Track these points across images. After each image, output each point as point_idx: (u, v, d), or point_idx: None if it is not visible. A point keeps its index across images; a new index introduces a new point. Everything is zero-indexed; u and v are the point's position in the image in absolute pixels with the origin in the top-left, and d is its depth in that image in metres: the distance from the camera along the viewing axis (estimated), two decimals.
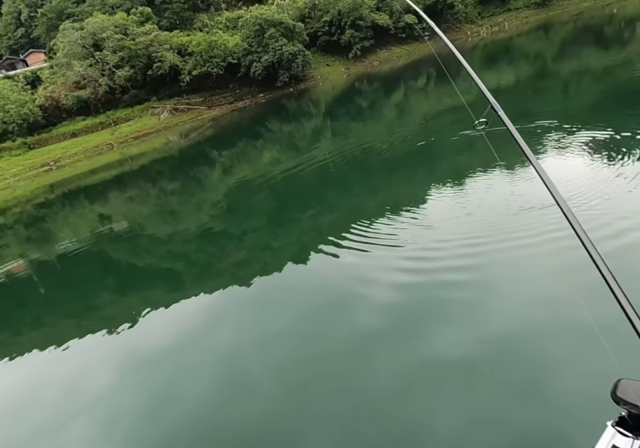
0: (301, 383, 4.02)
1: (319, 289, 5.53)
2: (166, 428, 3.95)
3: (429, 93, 19.85)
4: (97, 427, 4.27)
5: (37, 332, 7.08)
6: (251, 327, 5.26)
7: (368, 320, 4.52)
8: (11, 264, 11.61)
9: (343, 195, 8.96)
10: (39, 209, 19.93)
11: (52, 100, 42.97)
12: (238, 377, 4.37)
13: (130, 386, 4.76)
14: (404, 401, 3.44)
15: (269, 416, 3.74)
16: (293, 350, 4.51)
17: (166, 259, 8.45)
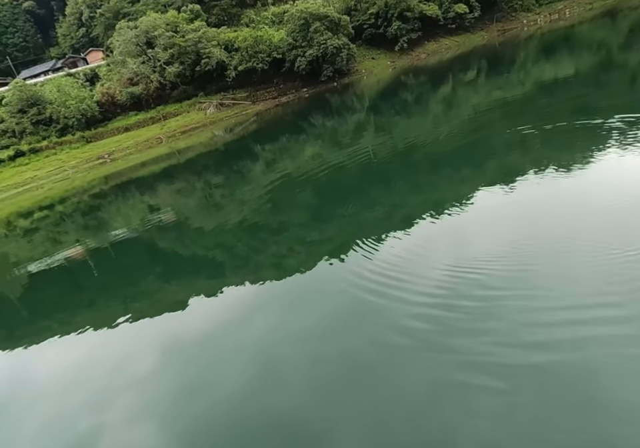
0: (332, 377, 3.99)
1: (355, 286, 5.44)
2: (201, 411, 4.07)
3: (479, 86, 19.01)
4: (137, 405, 4.49)
5: (91, 313, 7.52)
6: (285, 319, 5.29)
7: (403, 321, 4.39)
8: (70, 249, 12.44)
9: (384, 191, 8.79)
10: (95, 199, 21.20)
11: (108, 96, 45.45)
12: (271, 367, 4.42)
13: (170, 369, 4.95)
14: (438, 404, 3.31)
15: (298, 407, 3.75)
16: (325, 344, 4.49)
17: (209, 249, 8.68)
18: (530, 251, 4.89)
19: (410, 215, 7.07)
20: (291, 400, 3.86)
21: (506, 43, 33.93)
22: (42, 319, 8.32)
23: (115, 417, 4.38)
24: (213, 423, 3.90)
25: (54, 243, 14.25)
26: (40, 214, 21.46)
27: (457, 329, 4.04)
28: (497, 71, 21.59)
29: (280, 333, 5.01)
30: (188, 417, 4.06)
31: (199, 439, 3.76)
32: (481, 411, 3.16)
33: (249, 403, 3.98)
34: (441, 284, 4.79)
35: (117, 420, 4.34)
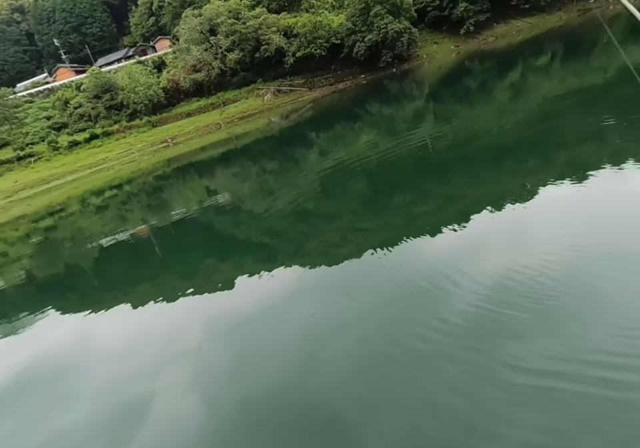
0: (370, 369, 3.96)
1: (401, 279, 5.33)
2: (240, 388, 4.24)
3: (552, 72, 17.57)
4: (182, 376, 4.75)
5: (151, 286, 8.09)
6: (329, 306, 5.32)
7: (450, 319, 4.22)
8: (135, 227, 13.38)
9: (440, 183, 8.49)
10: (158, 180, 22.52)
11: (173, 82, 47.61)
12: (309, 352, 4.47)
13: (215, 344, 5.20)
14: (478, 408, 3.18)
15: (333, 395, 3.76)
16: (366, 336, 4.44)
17: (261, 232, 8.92)
18: (598, 257, 4.47)
19: (466, 208, 6.77)
20: (327, 387, 3.89)
21: (587, 23, 30.95)
22: (109, 288, 9.09)
23: (162, 385, 4.70)
24: (250, 399, 4.03)
25: (121, 220, 15.40)
26: (110, 193, 23.21)
27: (505, 334, 3.84)
28: (574, 56, 19.80)
29: (323, 319, 5.06)
30: (227, 392, 4.24)
31: (235, 414, 3.91)
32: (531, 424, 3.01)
33: (285, 385, 4.08)
34: (492, 284, 4.55)
35: (163, 388, 4.64)
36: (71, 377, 5.58)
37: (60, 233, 17.40)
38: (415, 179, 9.15)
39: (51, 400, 5.18)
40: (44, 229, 19.13)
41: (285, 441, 3.48)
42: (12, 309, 9.30)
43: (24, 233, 19.75)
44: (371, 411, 3.49)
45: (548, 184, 6.57)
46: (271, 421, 3.74)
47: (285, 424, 3.66)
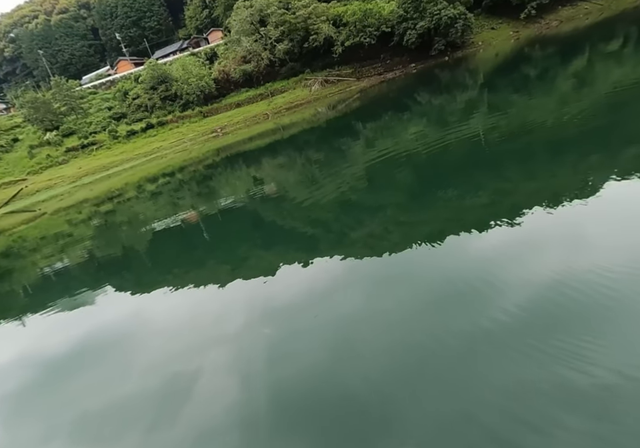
0: (409, 364, 3.89)
1: (448, 273, 5.18)
2: (277, 375, 4.32)
3: (624, 59, 16.12)
4: (223, 360, 4.93)
5: (199, 270, 8.45)
6: (370, 298, 5.28)
7: (496, 317, 4.05)
8: (185, 213, 14.00)
9: (492, 176, 8.11)
10: (208, 169, 23.34)
11: (223, 73, 48.79)
12: (349, 344, 4.46)
13: (257, 331, 5.31)
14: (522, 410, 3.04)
15: (370, 386, 3.73)
16: (407, 330, 4.37)
17: (305, 222, 9.01)
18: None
19: (519, 204, 6.43)
20: (362, 380, 3.87)
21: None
22: (160, 270, 9.62)
23: (202, 365, 4.91)
24: (284, 386, 4.12)
25: (173, 206, 16.16)
26: (163, 180, 24.39)
27: (551, 337, 3.64)
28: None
29: (363, 311, 5.04)
30: (263, 377, 4.35)
31: (269, 399, 4.00)
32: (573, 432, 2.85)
33: (320, 375, 4.12)
34: (540, 287, 4.30)
35: (204, 368, 4.85)
36: (123, 350, 6.00)
37: (118, 216, 18.58)
38: (465, 172, 8.81)
39: (105, 370, 5.60)
40: (104, 212, 20.52)
41: (315, 430, 3.54)
42: (75, 285, 10.11)
43: (86, 216, 21.30)
44: (405, 407, 3.45)
45: (613, 181, 6.09)
46: (303, 409, 3.80)
47: (317, 413, 3.70)
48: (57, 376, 5.91)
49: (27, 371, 6.32)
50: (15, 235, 22.86)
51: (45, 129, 51.44)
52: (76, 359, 6.20)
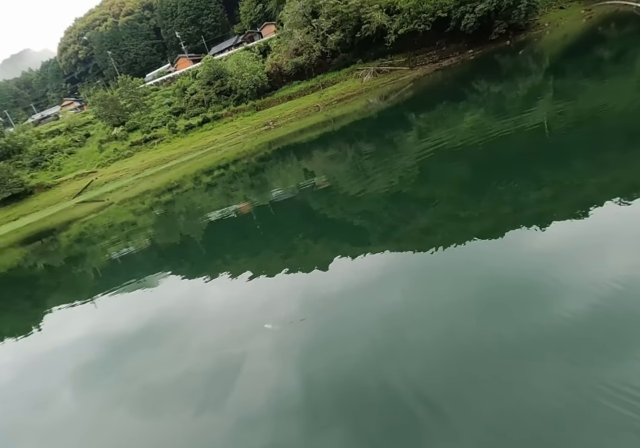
0: (454, 363, 3.78)
1: (502, 272, 4.93)
2: (322, 364, 4.38)
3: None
4: (271, 346, 5.05)
5: (250, 260, 8.74)
6: (419, 294, 5.18)
7: (551, 321, 3.80)
8: (239, 204, 14.50)
9: (556, 168, 7.54)
10: (260, 161, 23.91)
11: (276, 67, 49.47)
12: (394, 338, 4.41)
13: (304, 320, 5.39)
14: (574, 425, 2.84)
15: (412, 383, 3.67)
16: (453, 328, 4.22)
17: (355, 215, 8.98)
18: None
19: (587, 199, 5.97)
20: (404, 375, 3.82)
21: None
22: (215, 258, 10.07)
23: (252, 350, 5.10)
24: (328, 376, 4.17)
25: (227, 197, 16.80)
26: (218, 172, 25.36)
27: (612, 347, 3.36)
28: None
29: (408, 306, 4.95)
30: (309, 366, 4.44)
31: (313, 388, 4.07)
32: None
33: (363, 368, 4.11)
34: (606, 292, 3.92)
35: (253, 353, 5.03)
36: (178, 331, 6.38)
37: (177, 206, 19.66)
38: (527, 164, 8.30)
39: (162, 349, 6.01)
40: (164, 203, 21.79)
41: (351, 422, 3.54)
42: (139, 270, 10.88)
43: (148, 206, 22.75)
44: (444, 407, 3.36)
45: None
46: (341, 400, 3.82)
47: (355, 406, 3.71)
48: (121, 352, 6.44)
49: (96, 347, 6.94)
50: (87, 222, 24.98)
51: (112, 125, 55.40)
52: (137, 338, 6.71)
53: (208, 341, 5.76)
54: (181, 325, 6.63)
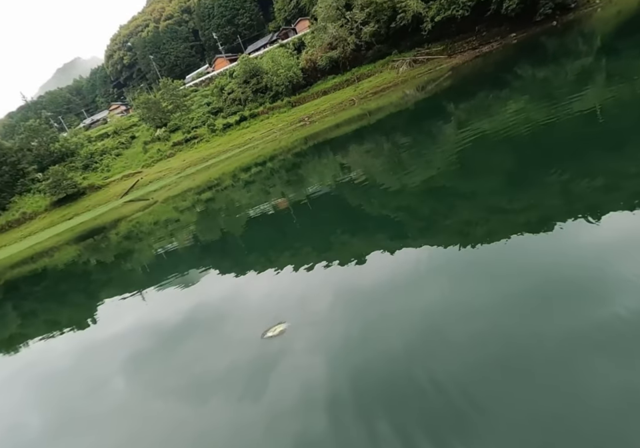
0: (496, 362, 3.62)
1: (548, 269, 4.64)
2: (361, 358, 4.35)
3: None
4: (308, 339, 5.10)
5: (288, 254, 8.84)
6: (460, 288, 5.01)
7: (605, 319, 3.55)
8: (276, 199, 14.69)
9: (611, 157, 7.03)
10: (296, 157, 24.09)
11: (310, 62, 49.49)
12: (434, 333, 4.31)
13: (343, 313, 5.39)
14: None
15: (457, 384, 3.55)
16: (500, 327, 4.03)
17: (393, 209, 8.85)
18: None
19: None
20: (447, 369, 3.73)
21: None
22: (254, 253, 10.28)
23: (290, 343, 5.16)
24: (367, 369, 4.15)
25: (265, 194, 17.07)
26: (255, 169, 25.82)
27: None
28: None
29: (451, 300, 4.81)
30: (347, 359, 4.43)
31: (351, 382, 4.06)
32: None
33: (404, 362, 4.05)
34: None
35: (291, 346, 5.09)
36: (220, 323, 6.59)
37: (216, 203, 20.23)
38: (577, 152, 7.81)
39: (205, 340, 6.24)
40: (205, 200, 22.49)
41: (391, 415, 3.50)
42: (182, 265, 11.32)
43: (190, 204, 23.58)
44: (488, 403, 3.24)
45: None
46: (381, 393, 3.78)
47: (395, 399, 3.67)
48: (168, 342, 6.74)
49: (144, 337, 7.31)
50: (134, 220, 26.30)
51: (155, 126, 57.79)
52: (182, 329, 6.99)
53: (248, 332, 5.90)
54: (222, 317, 6.84)
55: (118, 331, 8.17)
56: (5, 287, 21.29)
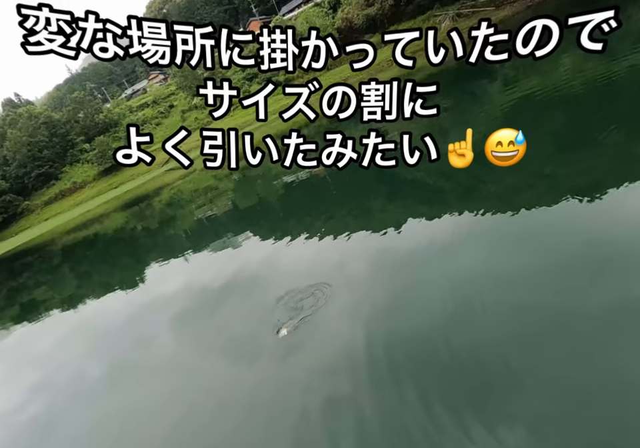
0: (533, 331, 3.56)
1: (597, 236, 4.36)
2: (395, 324, 4.41)
3: None
4: (342, 303, 5.17)
5: (325, 219, 8.91)
6: (499, 254, 4.89)
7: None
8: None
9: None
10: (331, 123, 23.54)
11: (347, 21, 47.14)
12: (470, 302, 4.24)
13: (378, 279, 5.43)
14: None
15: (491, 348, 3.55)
16: (541, 298, 3.91)
17: (431, 175, 8.59)
18: None
19: None
20: (482, 337, 3.73)
21: None
22: (290, 219, 10.44)
23: (324, 307, 5.29)
24: (401, 335, 4.21)
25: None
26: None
27: None
28: None
29: (489, 267, 4.71)
30: (381, 325, 4.52)
31: (385, 348, 4.14)
32: None
33: (439, 328, 4.07)
34: None
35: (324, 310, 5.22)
36: (259, 286, 6.84)
37: (253, 171, 20.44)
38: (637, 109, 7.12)
39: (245, 302, 6.54)
40: (241, 167, 22.75)
41: (423, 382, 3.56)
42: (222, 230, 11.72)
43: (228, 172, 23.97)
44: (523, 373, 3.22)
45: None
46: (414, 359, 3.84)
47: (428, 366, 3.72)
48: (209, 303, 7.14)
49: (188, 298, 7.76)
50: (175, 188, 27.23)
51: (192, 95, 58.12)
52: (223, 291, 7.35)
53: (284, 294, 6.09)
54: (260, 280, 7.10)
55: (164, 291, 8.72)
56: (63, 252, 23.07)
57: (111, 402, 5.55)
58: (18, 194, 53.47)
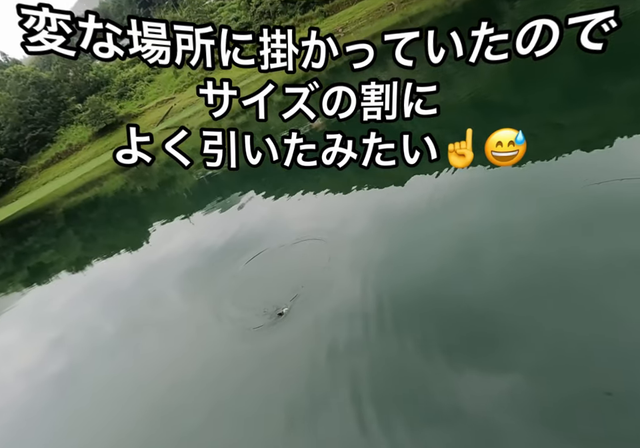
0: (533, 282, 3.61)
1: (602, 191, 4.26)
2: (399, 278, 4.48)
3: None
4: (347, 258, 5.26)
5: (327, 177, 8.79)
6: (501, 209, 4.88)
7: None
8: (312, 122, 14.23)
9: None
10: (330, 74, 22.59)
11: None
12: (473, 256, 4.28)
13: (383, 235, 5.46)
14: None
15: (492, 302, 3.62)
16: (542, 251, 3.93)
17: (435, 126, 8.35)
18: None
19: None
20: (483, 291, 3.81)
21: None
22: (292, 176, 10.29)
23: (327, 261, 5.37)
24: (406, 288, 4.31)
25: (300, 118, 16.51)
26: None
27: None
28: None
29: (491, 222, 4.72)
30: (386, 278, 4.62)
31: (390, 299, 4.25)
32: None
33: (441, 282, 4.17)
34: None
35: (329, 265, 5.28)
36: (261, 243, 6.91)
37: (251, 127, 19.91)
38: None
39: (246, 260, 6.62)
40: (240, 124, 22.18)
41: (425, 333, 3.69)
42: (224, 189, 11.67)
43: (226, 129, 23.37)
44: (522, 326, 3.32)
45: None
46: (418, 312, 3.95)
47: (431, 318, 3.82)
48: (215, 262, 7.28)
49: (194, 257, 7.90)
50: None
51: None
52: (227, 250, 7.47)
53: (287, 251, 6.19)
54: (263, 237, 7.18)
55: (170, 251, 8.87)
56: (65, 215, 23.19)
57: (125, 356, 5.85)
58: (14, 158, 52.74)
